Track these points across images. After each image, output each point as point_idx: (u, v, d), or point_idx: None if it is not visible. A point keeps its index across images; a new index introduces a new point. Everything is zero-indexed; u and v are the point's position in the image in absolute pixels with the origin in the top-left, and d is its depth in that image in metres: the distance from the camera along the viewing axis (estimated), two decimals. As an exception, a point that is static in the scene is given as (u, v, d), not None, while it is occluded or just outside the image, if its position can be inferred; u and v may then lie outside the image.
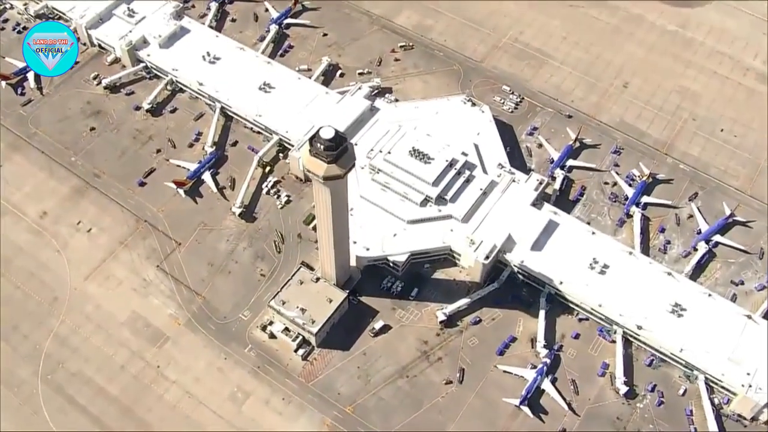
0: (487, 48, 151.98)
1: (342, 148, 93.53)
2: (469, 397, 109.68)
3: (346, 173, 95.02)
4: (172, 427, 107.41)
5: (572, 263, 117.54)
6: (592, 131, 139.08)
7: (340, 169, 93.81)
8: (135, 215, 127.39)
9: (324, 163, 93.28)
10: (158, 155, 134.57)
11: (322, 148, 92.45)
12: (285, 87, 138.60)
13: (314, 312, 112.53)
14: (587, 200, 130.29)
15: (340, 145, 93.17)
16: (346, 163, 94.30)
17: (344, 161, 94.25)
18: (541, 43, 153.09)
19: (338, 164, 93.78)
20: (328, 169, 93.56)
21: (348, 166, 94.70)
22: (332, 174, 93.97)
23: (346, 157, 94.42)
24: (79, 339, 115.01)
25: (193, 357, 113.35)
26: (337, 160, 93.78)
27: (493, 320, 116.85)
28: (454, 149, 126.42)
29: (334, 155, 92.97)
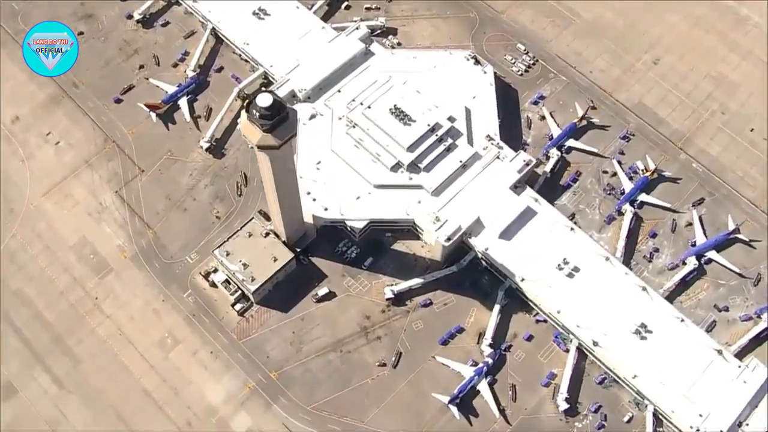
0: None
1: (280, 118, 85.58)
2: (400, 384, 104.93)
3: (282, 145, 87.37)
4: (98, 363, 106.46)
5: (540, 260, 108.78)
6: (604, 110, 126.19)
7: (276, 140, 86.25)
8: (105, 134, 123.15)
9: (259, 131, 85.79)
10: (140, 72, 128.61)
11: (258, 115, 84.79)
12: (280, 15, 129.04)
13: (256, 269, 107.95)
14: (579, 188, 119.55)
15: (278, 114, 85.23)
16: (282, 134, 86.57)
17: (281, 131, 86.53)
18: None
19: (274, 134, 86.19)
20: (263, 138, 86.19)
21: (284, 138, 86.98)
22: (266, 144, 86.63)
23: (285, 127, 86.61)
24: (26, 257, 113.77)
25: (132, 294, 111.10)
26: (274, 130, 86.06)
27: (445, 305, 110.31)
28: (441, 112, 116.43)
29: (270, 124, 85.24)
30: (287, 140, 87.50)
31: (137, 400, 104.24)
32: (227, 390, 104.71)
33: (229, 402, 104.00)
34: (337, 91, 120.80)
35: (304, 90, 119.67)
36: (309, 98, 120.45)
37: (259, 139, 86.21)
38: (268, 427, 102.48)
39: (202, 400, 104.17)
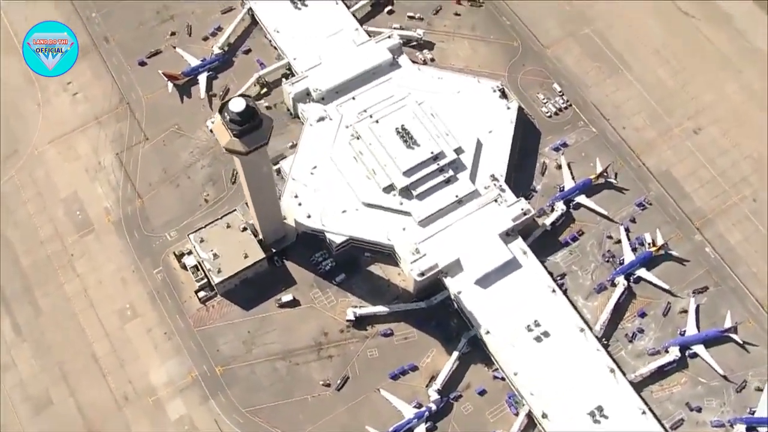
0: (562, 33, 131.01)
1: (251, 125, 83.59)
2: (339, 408, 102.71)
3: (249, 152, 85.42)
4: (58, 318, 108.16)
5: (511, 316, 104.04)
6: (627, 171, 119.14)
7: (243, 146, 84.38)
8: (121, 94, 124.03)
9: (229, 134, 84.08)
10: (171, 38, 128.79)
11: (228, 119, 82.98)
12: (317, 8, 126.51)
13: (225, 261, 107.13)
14: (577, 248, 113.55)
15: (249, 121, 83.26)
16: (251, 142, 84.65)
17: (251, 139, 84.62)
18: (626, 47, 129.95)
19: (243, 140, 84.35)
20: (231, 143, 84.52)
21: (253, 146, 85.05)
22: (234, 149, 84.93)
23: (255, 135, 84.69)
24: (17, 200, 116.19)
25: (106, 258, 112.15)
26: (244, 136, 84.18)
27: (405, 339, 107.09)
28: (449, 142, 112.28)
29: (239, 130, 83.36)
30: (255, 149, 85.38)
31: (84, 362, 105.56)
32: (170, 374, 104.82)
33: (169, 386, 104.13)
34: (351, 98, 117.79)
35: (319, 90, 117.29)
36: (323, 99, 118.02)
37: (226, 143, 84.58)
38: (200, 420, 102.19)
39: (144, 378, 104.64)
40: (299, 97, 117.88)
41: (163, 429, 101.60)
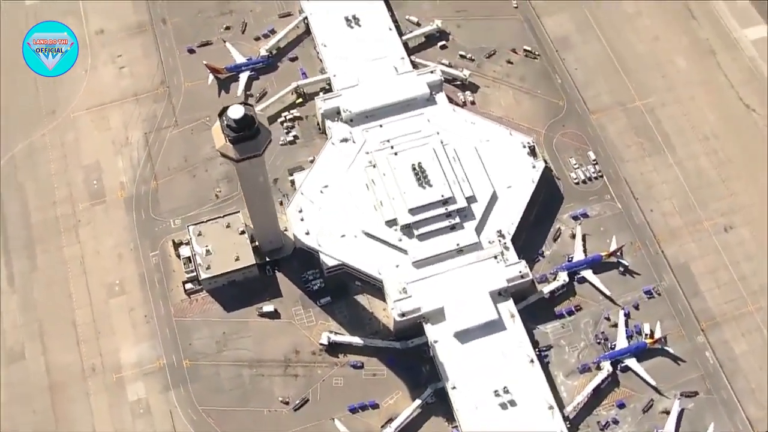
0: (612, 102, 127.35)
1: (246, 134, 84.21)
2: (291, 428, 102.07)
3: (241, 160, 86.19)
4: (50, 278, 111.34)
5: (482, 377, 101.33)
6: (643, 256, 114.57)
7: (236, 153, 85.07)
8: (164, 76, 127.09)
9: (224, 138, 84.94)
10: (224, 32, 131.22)
11: (226, 124, 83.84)
12: (369, 31, 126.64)
13: (216, 260, 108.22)
14: (571, 323, 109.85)
15: (245, 130, 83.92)
16: (244, 150, 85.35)
17: (244, 147, 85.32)
18: (674, 128, 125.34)
19: (237, 147, 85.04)
20: (224, 147, 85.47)
21: (245, 155, 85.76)
22: (226, 153, 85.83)
23: (249, 145, 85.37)
24: (42, 157, 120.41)
25: (109, 231, 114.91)
26: (238, 143, 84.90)
27: (374, 376, 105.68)
28: (463, 189, 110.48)
29: (234, 137, 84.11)
30: (247, 158, 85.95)
31: (63, 326, 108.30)
32: (140, 356, 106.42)
33: (135, 367, 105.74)
34: (379, 125, 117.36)
35: (349, 112, 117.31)
36: (351, 121, 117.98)
37: (220, 146, 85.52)
38: (156, 407, 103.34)
39: (115, 354, 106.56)
40: (329, 114, 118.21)
41: (119, 407, 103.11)
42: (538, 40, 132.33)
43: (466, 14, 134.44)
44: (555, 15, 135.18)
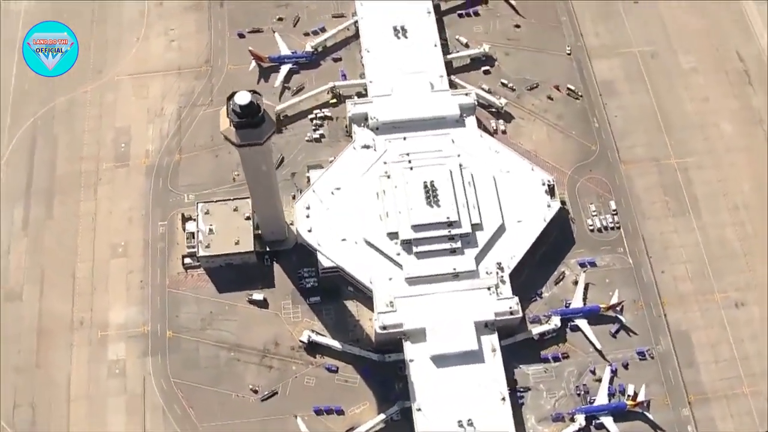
0: (646, 155, 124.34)
1: (250, 121, 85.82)
2: (254, 417, 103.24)
3: (241, 146, 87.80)
4: (61, 228, 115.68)
5: (449, 405, 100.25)
6: (643, 316, 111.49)
7: (237, 138, 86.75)
8: (209, 56, 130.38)
9: (228, 122, 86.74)
10: (276, 23, 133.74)
11: (231, 108, 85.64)
12: (415, 44, 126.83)
13: (216, 241, 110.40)
14: (554, 369, 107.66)
15: (248, 117, 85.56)
16: (246, 137, 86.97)
17: (246, 134, 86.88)
18: (706, 192, 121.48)
19: (239, 133, 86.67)
20: (227, 131, 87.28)
21: (245, 141, 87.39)
22: (228, 137, 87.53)
23: (252, 132, 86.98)
24: (80, 113, 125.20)
25: (126, 194, 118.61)
26: (240, 129, 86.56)
27: (346, 382, 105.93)
28: (472, 215, 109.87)
29: (238, 122, 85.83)
30: (248, 144, 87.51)
31: (63, 277, 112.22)
32: (127, 319, 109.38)
33: (121, 328, 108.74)
34: (403, 138, 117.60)
35: (376, 120, 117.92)
36: (377, 129, 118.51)
37: (224, 129, 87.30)
38: (132, 370, 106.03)
39: (104, 312, 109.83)
40: (357, 118, 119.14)
41: (97, 363, 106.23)
42: (584, 80, 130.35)
43: (517, 44, 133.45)
44: (607, 59, 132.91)
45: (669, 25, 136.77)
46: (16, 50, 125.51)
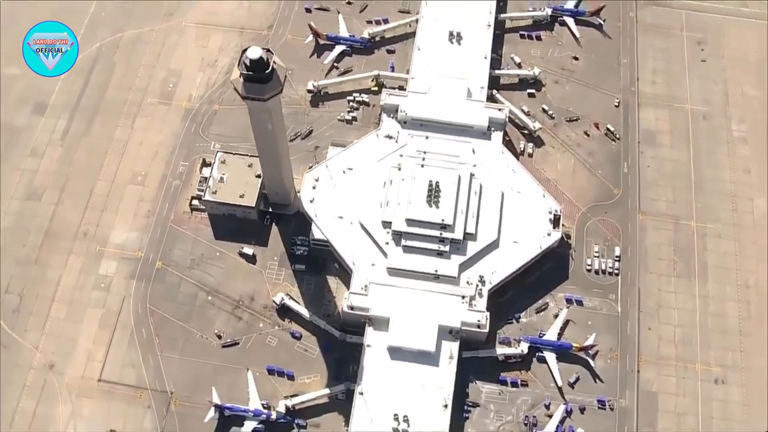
0: (667, 211, 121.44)
1: (258, 76, 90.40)
2: (210, 360, 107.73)
3: (245, 97, 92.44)
4: (93, 146, 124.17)
5: (391, 397, 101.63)
6: (612, 367, 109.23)
7: (242, 89, 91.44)
8: (273, 23, 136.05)
9: (238, 73, 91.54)
10: (344, 6, 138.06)
11: (243, 60, 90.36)
12: (466, 52, 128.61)
13: (223, 190, 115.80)
14: (508, 393, 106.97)
15: (257, 71, 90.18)
16: (249, 90, 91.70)
17: (253, 87, 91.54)
18: (717, 262, 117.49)
19: (245, 85, 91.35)
20: (236, 80, 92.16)
21: (249, 94, 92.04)
22: (235, 86, 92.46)
23: (257, 87, 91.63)
24: (141, 49, 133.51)
25: (159, 130, 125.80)
26: (248, 81, 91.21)
27: (305, 351, 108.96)
28: (469, 224, 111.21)
29: (246, 74, 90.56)
30: (251, 98, 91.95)
31: (82, 189, 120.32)
32: (127, 241, 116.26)
33: (118, 248, 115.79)
34: (425, 136, 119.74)
35: (405, 113, 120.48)
36: (405, 123, 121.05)
37: (233, 78, 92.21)
38: (115, 288, 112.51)
39: (108, 230, 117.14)
40: (388, 108, 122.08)
41: (87, 274, 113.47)
42: (626, 124, 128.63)
43: (570, 75, 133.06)
44: (656, 108, 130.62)
45: (731, 90, 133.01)
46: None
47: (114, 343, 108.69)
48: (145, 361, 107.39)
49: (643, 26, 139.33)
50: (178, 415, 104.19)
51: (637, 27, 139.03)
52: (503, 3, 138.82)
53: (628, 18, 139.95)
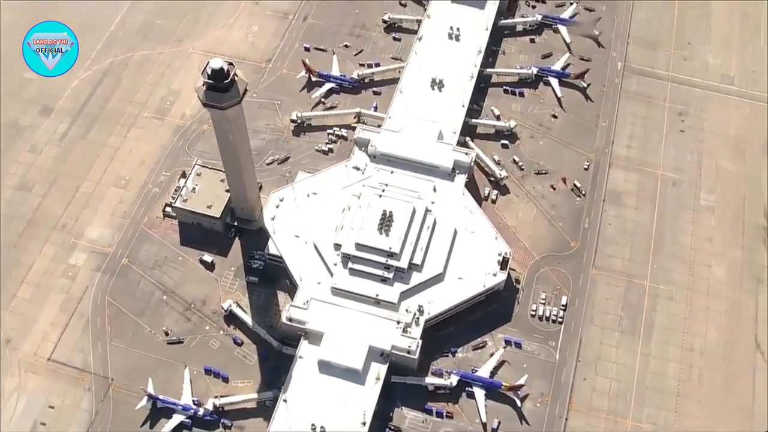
0: (622, 268, 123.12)
1: (217, 86, 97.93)
2: (153, 354, 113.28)
3: (206, 105, 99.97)
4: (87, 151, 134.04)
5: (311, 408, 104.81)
6: (540, 412, 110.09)
7: (203, 96, 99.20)
8: (272, 57, 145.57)
9: (202, 82, 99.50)
10: (341, 48, 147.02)
11: (205, 70, 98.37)
12: (446, 99, 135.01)
13: (193, 199, 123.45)
14: (431, 423, 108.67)
15: (216, 80, 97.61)
16: (210, 98, 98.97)
17: (212, 96, 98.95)
18: (666, 325, 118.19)
19: (206, 93, 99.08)
20: (199, 88, 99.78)
21: (208, 101, 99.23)
22: (198, 94, 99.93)
23: (216, 95, 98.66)
24: (148, 68, 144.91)
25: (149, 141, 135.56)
26: (210, 90, 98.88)
27: (243, 358, 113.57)
28: (416, 255, 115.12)
29: (207, 83, 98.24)
30: (211, 105, 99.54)
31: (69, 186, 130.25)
32: (100, 237, 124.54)
33: (90, 243, 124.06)
34: (391, 171, 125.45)
35: (375, 148, 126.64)
36: (374, 157, 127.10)
37: (196, 87, 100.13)
38: (81, 277, 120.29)
39: (84, 225, 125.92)
40: (360, 142, 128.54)
41: (58, 261, 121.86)
42: (594, 182, 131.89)
43: (545, 131, 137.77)
44: (626, 171, 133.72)
45: (705, 161, 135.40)
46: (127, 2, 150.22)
47: (69, 327, 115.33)
48: (94, 347, 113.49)
49: (626, 93, 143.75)
50: (114, 401, 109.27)
51: (620, 93, 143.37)
52: (492, 59, 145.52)
53: (613, 84, 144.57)
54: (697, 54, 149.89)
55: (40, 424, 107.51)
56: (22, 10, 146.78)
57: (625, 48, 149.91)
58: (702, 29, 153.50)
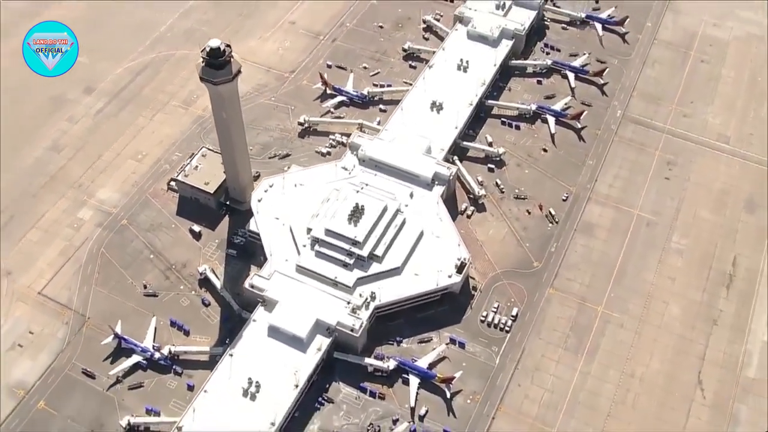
0: (579, 293, 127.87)
1: (214, 63, 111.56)
2: (130, 302, 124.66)
3: (202, 79, 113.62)
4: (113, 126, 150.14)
5: (253, 365, 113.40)
6: (469, 408, 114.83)
7: (200, 71, 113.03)
8: (296, 69, 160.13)
9: (201, 59, 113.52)
10: (360, 69, 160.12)
11: (204, 48, 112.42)
12: (442, 120, 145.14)
13: (193, 176, 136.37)
14: (363, 400, 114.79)
15: (212, 58, 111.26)
16: (206, 73, 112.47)
17: (208, 71, 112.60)
18: (612, 350, 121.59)
19: (203, 69, 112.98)
20: (198, 65, 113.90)
21: (204, 76, 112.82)
22: (197, 69, 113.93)
23: (212, 71, 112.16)
24: (185, 65, 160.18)
25: (171, 126, 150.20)
26: (207, 66, 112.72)
27: (207, 317, 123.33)
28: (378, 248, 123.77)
29: (205, 59, 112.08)
30: (205, 79, 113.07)
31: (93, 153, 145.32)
32: (107, 199, 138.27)
33: (98, 203, 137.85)
34: (374, 174, 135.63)
35: (364, 153, 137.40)
36: (363, 161, 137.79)
37: (197, 63, 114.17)
38: (84, 230, 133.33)
39: (98, 188, 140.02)
40: (353, 146, 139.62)
41: (67, 214, 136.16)
42: (568, 213, 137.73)
43: (533, 161, 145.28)
44: (603, 206, 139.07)
45: (685, 208, 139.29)
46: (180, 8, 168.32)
47: (64, 269, 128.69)
48: (81, 289, 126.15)
49: (620, 138, 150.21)
50: (85, 336, 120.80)
51: (614, 138, 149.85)
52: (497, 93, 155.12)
53: (609, 129, 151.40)
54: (699, 112, 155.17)
55: (18, 345, 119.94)
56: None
57: (628, 99, 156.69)
58: (708, 91, 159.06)
